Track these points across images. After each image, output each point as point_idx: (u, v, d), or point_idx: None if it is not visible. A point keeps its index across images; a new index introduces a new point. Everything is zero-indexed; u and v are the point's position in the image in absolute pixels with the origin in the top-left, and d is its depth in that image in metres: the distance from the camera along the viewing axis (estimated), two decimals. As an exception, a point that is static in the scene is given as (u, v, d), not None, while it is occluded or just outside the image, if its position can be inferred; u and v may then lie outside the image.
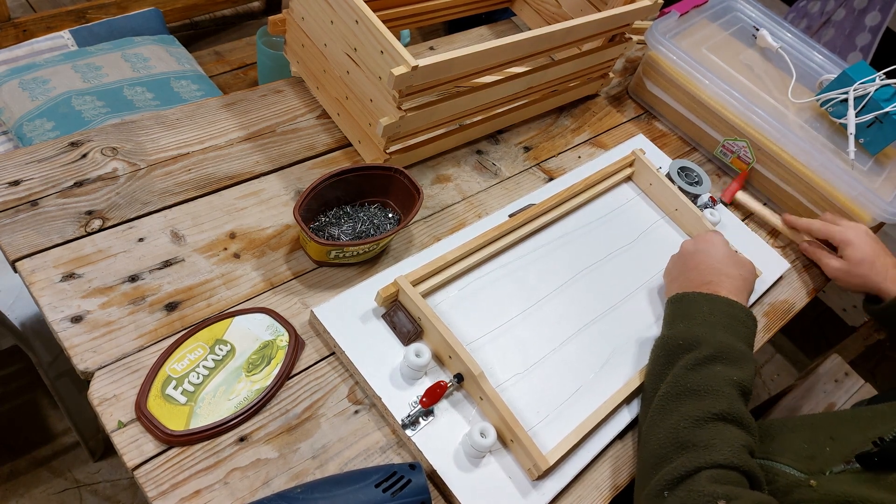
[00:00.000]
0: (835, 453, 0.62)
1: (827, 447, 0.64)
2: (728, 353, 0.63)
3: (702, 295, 0.69)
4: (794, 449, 0.65)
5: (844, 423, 0.67)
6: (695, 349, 0.64)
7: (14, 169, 0.69)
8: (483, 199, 0.85)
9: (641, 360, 0.73)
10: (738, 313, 0.68)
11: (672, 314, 0.71)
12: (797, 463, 0.63)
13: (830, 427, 0.67)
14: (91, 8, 1.46)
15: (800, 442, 0.66)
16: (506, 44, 0.74)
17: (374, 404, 0.64)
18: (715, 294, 0.69)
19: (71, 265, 0.64)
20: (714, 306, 0.68)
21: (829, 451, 0.63)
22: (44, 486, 1.27)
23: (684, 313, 0.69)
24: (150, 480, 0.55)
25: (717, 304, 0.68)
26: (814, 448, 0.64)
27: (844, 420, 0.68)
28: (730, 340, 0.64)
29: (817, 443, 0.65)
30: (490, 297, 0.73)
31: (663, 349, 0.67)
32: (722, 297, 0.69)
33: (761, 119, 0.92)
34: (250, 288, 0.68)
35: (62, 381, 1.08)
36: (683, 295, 0.71)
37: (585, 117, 1.02)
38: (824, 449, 0.63)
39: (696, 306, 0.68)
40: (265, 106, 0.84)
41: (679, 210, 0.88)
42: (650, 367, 0.68)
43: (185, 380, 0.59)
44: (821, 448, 0.64)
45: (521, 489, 0.61)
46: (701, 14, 1.10)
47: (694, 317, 0.67)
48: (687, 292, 0.70)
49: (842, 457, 0.61)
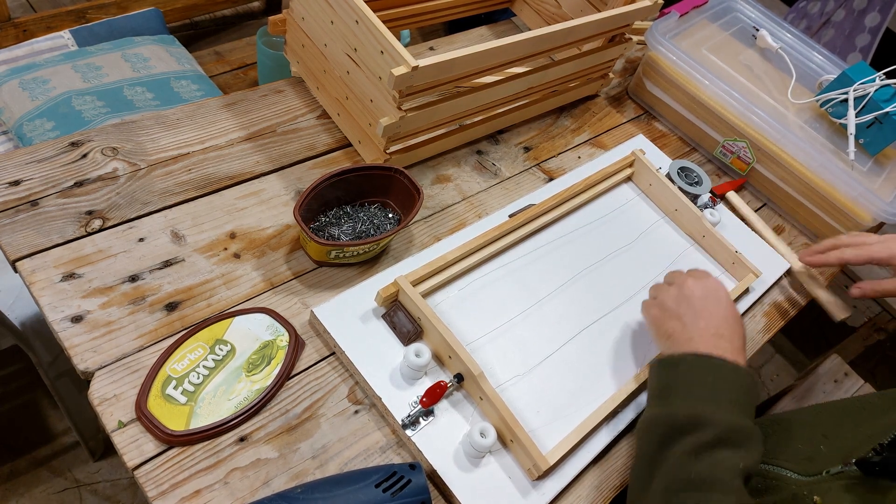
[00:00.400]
0: (831, 453, 0.61)
1: (822, 446, 0.63)
2: (735, 434, 0.55)
3: (703, 360, 0.60)
4: (790, 449, 0.65)
5: (836, 418, 0.66)
6: (697, 431, 0.55)
7: (14, 169, 0.69)
8: (483, 200, 0.85)
9: (641, 360, 0.73)
10: (744, 381, 0.59)
11: (666, 383, 0.61)
12: (796, 465, 0.62)
13: (823, 424, 0.66)
14: (91, 8, 1.46)
15: (795, 442, 0.65)
16: (506, 44, 0.74)
17: (374, 404, 0.64)
18: (721, 358, 0.60)
19: (71, 265, 0.64)
20: (719, 375, 0.59)
21: (826, 451, 0.62)
22: (44, 486, 1.27)
23: (682, 384, 0.60)
24: (150, 480, 0.55)
25: (722, 372, 0.59)
26: (810, 448, 0.63)
27: (835, 414, 0.67)
28: (737, 419, 0.56)
29: (813, 442, 0.64)
30: (490, 297, 0.73)
31: (657, 429, 0.58)
32: (728, 362, 0.60)
33: (761, 119, 0.92)
34: (250, 288, 0.68)
35: (62, 381, 1.08)
36: (680, 359, 0.61)
37: (585, 118, 1.02)
38: (819, 448, 0.63)
39: (696, 375, 0.59)
40: (265, 106, 0.84)
41: (679, 210, 0.88)
42: (639, 449, 0.60)
43: (186, 380, 0.59)
44: (816, 447, 0.63)
45: (521, 489, 0.61)
46: (701, 14, 1.10)
47: (695, 390, 0.59)
48: (685, 355, 0.61)
49: (838, 456, 0.60)
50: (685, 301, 0.66)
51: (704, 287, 0.67)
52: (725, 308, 0.65)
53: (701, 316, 0.64)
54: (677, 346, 0.64)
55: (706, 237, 0.86)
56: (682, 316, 0.65)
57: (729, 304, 0.66)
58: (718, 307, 0.65)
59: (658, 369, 0.63)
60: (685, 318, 0.65)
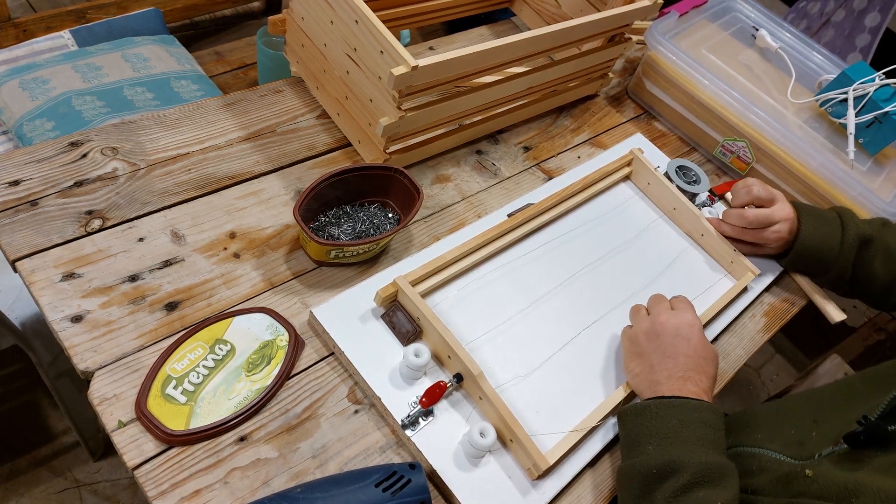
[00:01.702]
0: (821, 437, 0.63)
1: (813, 432, 0.64)
2: (709, 472, 0.56)
3: (665, 404, 0.61)
4: (781, 435, 0.66)
5: (824, 404, 0.68)
6: (672, 476, 0.56)
7: (14, 169, 0.69)
8: (483, 199, 0.85)
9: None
10: (708, 417, 0.60)
11: (635, 433, 0.61)
12: (787, 449, 0.63)
13: (812, 409, 0.68)
14: (91, 8, 1.46)
15: (786, 428, 0.67)
16: (506, 44, 0.74)
17: (373, 404, 0.64)
18: (682, 398, 0.61)
19: (71, 265, 0.64)
20: (683, 415, 0.60)
21: (816, 436, 0.63)
22: (44, 486, 1.27)
23: (651, 431, 0.60)
24: (150, 480, 0.55)
25: (685, 412, 0.60)
26: (801, 433, 0.65)
27: (823, 399, 0.69)
28: (708, 457, 0.57)
29: (803, 427, 0.65)
30: (489, 297, 0.73)
31: (634, 479, 0.58)
32: (690, 401, 0.61)
33: (761, 119, 0.92)
34: (250, 288, 0.68)
35: (62, 380, 1.08)
36: (644, 407, 0.62)
37: (585, 117, 1.02)
38: (811, 434, 0.64)
39: (662, 420, 0.60)
40: (265, 106, 0.84)
41: (677, 209, 0.88)
42: (621, 500, 0.61)
43: (186, 379, 0.59)
44: (807, 433, 0.64)
45: (520, 489, 0.61)
46: (700, 14, 1.10)
47: (663, 434, 0.59)
48: (648, 403, 0.62)
49: (829, 439, 0.61)
50: (655, 338, 0.66)
51: (677, 325, 0.66)
52: (696, 347, 0.65)
53: (669, 356, 0.65)
54: (644, 387, 0.65)
55: (705, 236, 0.86)
56: (650, 356, 0.66)
57: (700, 342, 0.66)
58: (687, 347, 0.65)
59: (625, 419, 0.63)
60: (653, 359, 0.65)
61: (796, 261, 0.84)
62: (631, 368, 0.67)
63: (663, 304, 0.70)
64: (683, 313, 0.68)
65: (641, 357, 0.67)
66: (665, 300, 0.71)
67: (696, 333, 0.66)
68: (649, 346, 0.66)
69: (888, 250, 0.81)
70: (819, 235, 0.81)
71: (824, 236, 0.81)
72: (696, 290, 0.82)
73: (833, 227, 0.82)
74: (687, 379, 0.63)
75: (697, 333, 0.66)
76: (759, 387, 1.93)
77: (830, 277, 0.83)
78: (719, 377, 0.78)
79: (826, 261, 0.82)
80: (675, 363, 0.64)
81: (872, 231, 0.81)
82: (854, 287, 0.84)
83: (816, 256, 0.82)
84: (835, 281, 0.84)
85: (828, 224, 0.82)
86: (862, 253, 0.81)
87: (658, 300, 0.71)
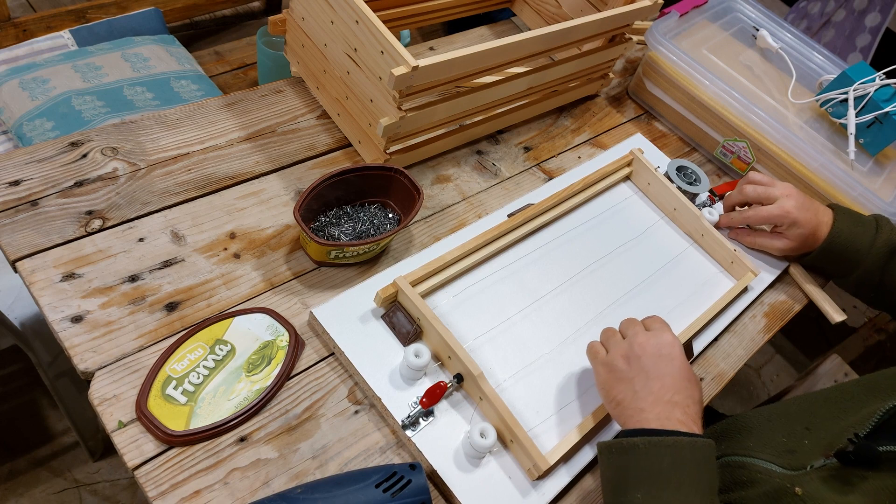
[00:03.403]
0: (813, 446, 0.62)
1: (805, 440, 0.63)
2: None
3: (656, 442, 0.54)
4: (773, 443, 0.65)
5: (817, 410, 0.67)
6: None
7: (14, 169, 0.69)
8: (483, 200, 0.85)
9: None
10: (704, 455, 0.54)
11: (622, 473, 0.55)
12: (778, 458, 0.62)
13: (804, 416, 0.67)
14: (91, 8, 1.46)
15: (778, 435, 0.66)
16: (506, 44, 0.74)
17: (373, 405, 0.64)
18: (674, 435, 0.55)
19: (71, 265, 0.64)
20: (677, 455, 0.53)
21: (808, 444, 0.63)
22: (43, 486, 1.27)
23: (640, 475, 0.54)
24: (150, 480, 0.55)
25: (679, 451, 0.54)
26: (792, 441, 0.64)
27: (816, 406, 0.68)
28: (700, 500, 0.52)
29: (794, 435, 0.65)
30: (489, 298, 0.73)
31: None
32: (684, 437, 0.54)
33: (761, 119, 0.92)
34: (250, 288, 0.68)
35: (62, 381, 1.08)
36: (631, 445, 0.55)
37: (585, 118, 1.02)
38: (802, 442, 0.63)
39: (652, 461, 0.53)
40: (265, 106, 0.84)
41: (678, 209, 0.88)
42: None
43: (186, 380, 0.59)
44: (799, 441, 0.63)
45: (521, 489, 0.61)
46: (701, 14, 1.10)
47: (654, 478, 0.53)
48: (635, 441, 0.55)
49: (820, 450, 0.61)
50: (636, 362, 0.61)
51: (657, 345, 0.61)
52: (679, 369, 0.60)
53: (652, 379, 0.59)
54: (626, 416, 0.59)
55: (705, 236, 0.86)
56: (632, 380, 0.60)
57: (682, 364, 0.61)
58: (671, 368, 0.60)
59: (609, 457, 0.57)
60: (636, 384, 0.60)
61: (823, 256, 0.82)
62: (612, 396, 0.61)
63: (638, 326, 0.64)
64: (661, 333, 0.63)
65: (622, 382, 0.60)
66: (638, 322, 0.65)
67: (678, 354, 0.61)
68: (630, 370, 0.60)
69: None
70: (850, 234, 0.81)
71: (855, 235, 0.81)
72: (696, 290, 0.82)
73: (867, 229, 0.81)
74: (674, 405, 0.57)
75: (679, 354, 0.61)
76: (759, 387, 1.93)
77: (855, 279, 0.82)
78: (720, 377, 0.78)
79: (853, 260, 0.81)
80: (660, 385, 0.59)
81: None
82: (881, 295, 0.83)
83: (843, 255, 0.81)
84: (860, 284, 0.83)
85: (862, 224, 0.82)
86: (892, 261, 0.80)
87: (631, 322, 0.65)
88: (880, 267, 0.80)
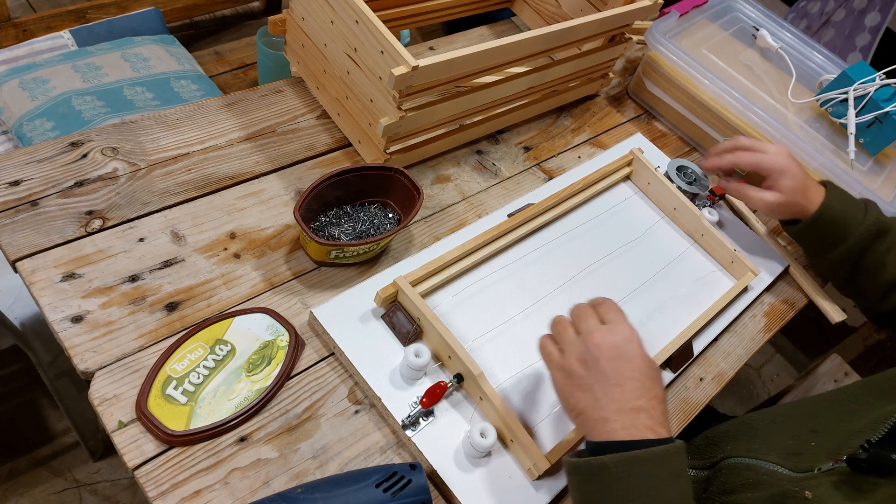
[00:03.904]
0: (820, 448, 0.61)
1: (812, 441, 0.63)
2: None
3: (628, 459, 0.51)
4: (779, 445, 0.65)
5: (822, 412, 0.66)
6: None
7: (14, 169, 0.69)
8: (483, 199, 0.85)
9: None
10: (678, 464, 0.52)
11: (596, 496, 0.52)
12: (785, 461, 0.62)
13: (810, 418, 0.66)
14: (91, 8, 1.46)
15: (784, 437, 0.65)
16: (506, 44, 0.74)
17: (373, 405, 0.64)
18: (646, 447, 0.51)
19: (71, 265, 0.64)
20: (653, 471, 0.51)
21: (815, 446, 0.62)
22: (43, 486, 1.27)
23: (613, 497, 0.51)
24: (150, 480, 0.55)
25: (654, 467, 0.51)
26: (798, 443, 0.63)
27: (821, 408, 0.67)
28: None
29: (801, 437, 0.64)
30: (489, 297, 0.73)
31: None
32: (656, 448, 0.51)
33: (761, 119, 0.92)
34: (250, 288, 0.68)
35: (62, 381, 1.08)
36: (601, 467, 0.52)
37: (585, 117, 1.02)
38: (808, 444, 0.63)
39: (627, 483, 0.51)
40: (265, 106, 0.84)
41: (678, 209, 0.88)
42: None
43: (186, 380, 0.59)
44: (805, 443, 0.63)
45: (521, 489, 0.61)
46: (701, 14, 1.10)
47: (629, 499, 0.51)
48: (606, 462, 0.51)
49: (828, 452, 0.60)
50: (594, 366, 0.56)
51: (614, 344, 0.56)
52: (639, 369, 0.56)
53: (613, 385, 0.55)
54: (590, 427, 0.55)
55: (705, 236, 0.86)
56: (592, 387, 0.55)
57: (642, 362, 0.56)
58: (632, 369, 0.55)
59: (579, 479, 0.54)
60: (596, 391, 0.55)
61: (813, 226, 0.81)
62: (573, 406, 0.57)
63: (591, 319, 0.59)
64: (617, 326, 0.58)
65: (581, 390, 0.56)
66: (591, 312, 0.60)
67: (637, 350, 0.57)
68: (589, 375, 0.56)
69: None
70: (841, 209, 0.80)
71: (846, 211, 0.80)
72: (696, 290, 0.82)
73: (857, 207, 0.81)
74: (639, 410, 0.54)
75: (638, 349, 0.57)
76: (759, 387, 1.93)
77: (837, 255, 0.81)
78: (720, 377, 0.78)
79: (840, 235, 0.80)
80: (622, 392, 0.54)
81: (893, 223, 0.81)
82: (856, 276, 0.82)
83: (832, 228, 0.80)
84: (840, 262, 0.82)
85: (852, 202, 0.81)
86: (877, 241, 0.80)
87: (583, 313, 0.60)
88: (865, 246, 0.80)
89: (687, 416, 0.74)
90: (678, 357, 0.74)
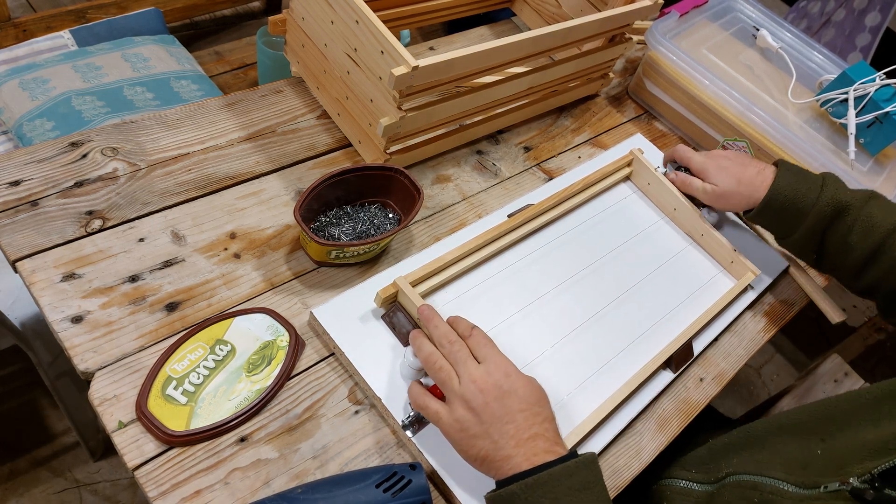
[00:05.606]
0: (827, 462, 0.60)
1: (818, 450, 0.62)
2: None
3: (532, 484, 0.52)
4: (784, 457, 0.64)
5: (831, 420, 0.65)
6: None
7: (14, 169, 0.69)
8: (483, 200, 0.85)
9: (641, 359, 0.73)
10: (582, 476, 0.53)
11: None
12: (791, 476, 0.61)
13: (817, 425, 0.65)
14: (91, 8, 1.46)
15: (790, 448, 0.64)
16: (506, 44, 0.74)
17: (374, 405, 0.64)
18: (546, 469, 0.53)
19: (71, 265, 0.64)
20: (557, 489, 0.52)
21: (821, 457, 0.61)
22: (43, 486, 1.27)
23: None
24: (150, 480, 0.55)
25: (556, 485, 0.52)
26: (805, 454, 0.62)
27: (829, 415, 0.65)
28: None
29: (808, 446, 0.63)
30: (489, 298, 0.73)
31: None
32: (555, 467, 0.53)
33: (761, 119, 0.92)
34: (250, 288, 0.68)
35: (62, 381, 1.08)
36: (510, 496, 0.53)
37: (585, 117, 1.02)
38: (816, 452, 0.62)
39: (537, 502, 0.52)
40: (265, 106, 0.84)
41: (678, 209, 0.88)
42: None
43: (186, 380, 0.59)
44: (812, 453, 0.62)
45: (521, 489, 0.61)
46: (701, 14, 1.10)
47: None
48: (513, 490, 0.53)
49: (835, 466, 0.59)
50: (483, 410, 0.56)
51: (495, 382, 0.57)
52: (524, 399, 0.56)
53: (506, 423, 0.55)
54: (496, 469, 0.56)
55: (705, 236, 0.86)
56: (487, 431, 0.55)
57: (525, 388, 0.57)
58: (517, 401, 0.56)
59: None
60: (492, 433, 0.55)
61: (764, 213, 0.78)
62: (474, 455, 0.56)
63: (468, 361, 0.58)
64: (492, 361, 0.58)
65: (479, 438, 0.56)
66: (464, 351, 0.59)
67: (515, 380, 0.57)
68: (481, 421, 0.56)
69: (870, 222, 0.74)
70: (792, 191, 0.76)
71: (797, 193, 0.76)
72: (696, 290, 0.82)
73: (811, 187, 0.76)
74: (535, 437, 0.55)
75: (516, 378, 0.57)
76: (759, 387, 1.93)
77: (796, 240, 0.78)
78: (720, 377, 0.78)
79: (794, 219, 0.77)
80: (515, 427, 0.55)
81: (853, 200, 0.75)
82: (825, 259, 0.79)
83: (784, 213, 0.77)
84: (801, 246, 0.79)
85: (806, 182, 0.77)
86: (836, 221, 0.75)
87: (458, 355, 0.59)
88: (823, 227, 0.76)
89: (687, 417, 0.74)
90: (678, 357, 0.74)
